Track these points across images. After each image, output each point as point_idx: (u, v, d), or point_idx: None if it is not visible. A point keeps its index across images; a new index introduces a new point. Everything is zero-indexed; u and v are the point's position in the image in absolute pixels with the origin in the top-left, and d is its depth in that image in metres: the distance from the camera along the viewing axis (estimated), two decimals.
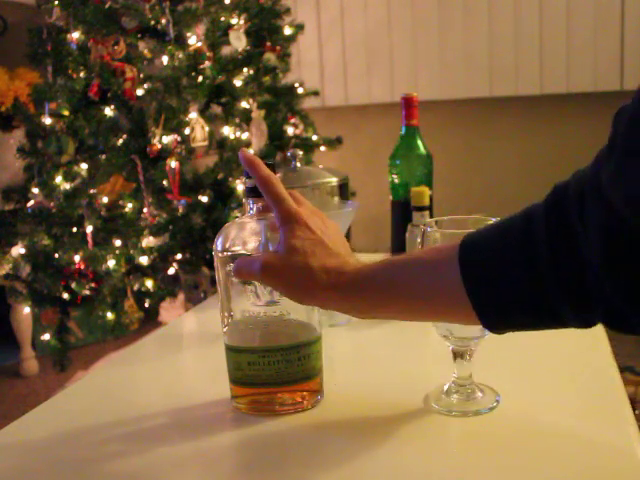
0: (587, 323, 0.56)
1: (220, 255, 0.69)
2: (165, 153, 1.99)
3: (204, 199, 2.08)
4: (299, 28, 2.53)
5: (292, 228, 0.64)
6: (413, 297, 0.61)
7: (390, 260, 0.64)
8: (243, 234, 0.70)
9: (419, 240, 0.68)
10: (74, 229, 2.01)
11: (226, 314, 0.71)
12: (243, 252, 0.68)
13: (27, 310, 2.29)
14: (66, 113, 1.98)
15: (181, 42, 2.08)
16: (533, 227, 0.54)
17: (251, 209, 0.70)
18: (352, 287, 0.63)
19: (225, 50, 2.25)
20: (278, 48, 2.43)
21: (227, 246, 0.69)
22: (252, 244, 0.69)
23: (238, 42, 2.22)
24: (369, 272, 0.63)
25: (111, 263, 1.97)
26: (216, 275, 0.71)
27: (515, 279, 0.55)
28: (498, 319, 0.58)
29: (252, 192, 0.69)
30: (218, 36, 2.21)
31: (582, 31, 2.98)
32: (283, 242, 0.64)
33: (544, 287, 0.54)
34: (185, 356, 0.97)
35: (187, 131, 2.04)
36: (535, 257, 0.54)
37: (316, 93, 2.65)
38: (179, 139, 2.02)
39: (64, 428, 0.72)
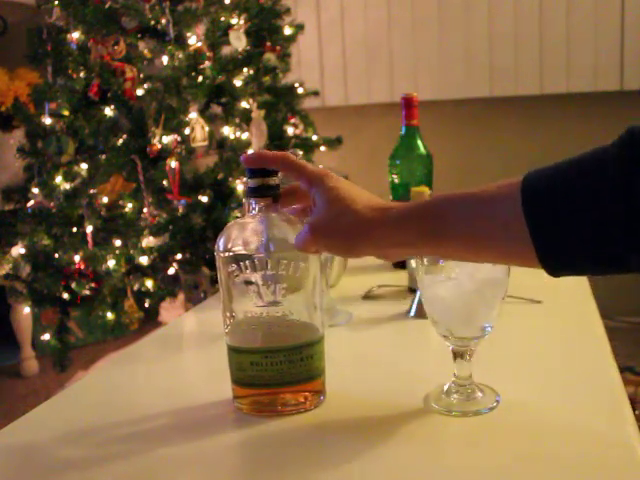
0: None
1: (222, 255, 0.69)
2: (165, 153, 1.99)
3: (204, 199, 2.08)
4: (299, 28, 2.53)
5: (323, 183, 0.65)
6: (471, 232, 0.58)
7: (445, 195, 0.61)
8: (245, 234, 0.70)
9: None
10: (74, 229, 2.01)
11: (228, 314, 0.71)
12: (245, 252, 0.68)
13: (27, 310, 2.28)
14: (66, 113, 1.98)
15: (181, 42, 2.08)
16: (605, 167, 0.51)
17: (253, 209, 0.70)
18: (405, 219, 0.61)
19: (225, 50, 2.25)
20: (278, 48, 2.42)
21: (229, 246, 0.69)
22: (254, 244, 0.69)
23: (238, 42, 2.22)
24: (422, 205, 0.62)
25: (111, 263, 1.97)
26: (218, 275, 0.71)
27: (582, 220, 0.52)
28: (560, 261, 0.55)
29: (253, 192, 0.69)
30: (218, 36, 2.21)
31: (582, 31, 2.98)
32: (320, 199, 0.64)
33: (613, 230, 0.51)
34: (185, 356, 0.97)
35: (187, 131, 2.04)
36: (606, 199, 0.51)
37: (316, 93, 2.65)
38: (179, 139, 2.02)
39: (64, 428, 0.72)
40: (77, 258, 1.97)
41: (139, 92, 2.02)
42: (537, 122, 3.18)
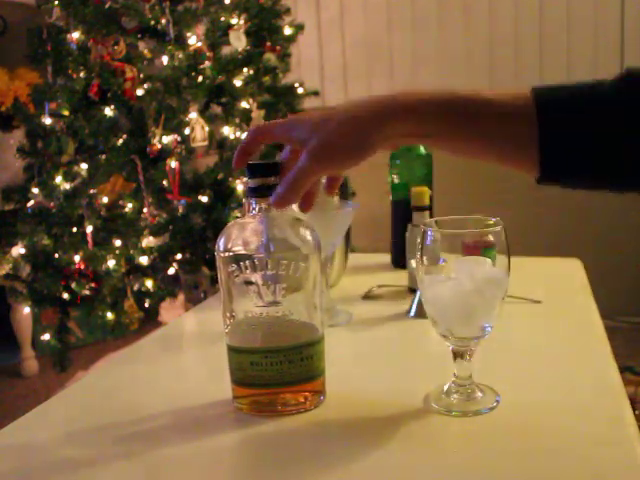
0: None
1: (222, 255, 0.69)
2: (165, 153, 1.99)
3: (204, 199, 2.08)
4: (299, 28, 2.53)
5: (304, 115, 0.62)
6: (476, 127, 0.59)
7: (453, 93, 0.61)
8: (245, 234, 0.70)
9: (419, 240, 0.68)
10: (74, 229, 2.02)
11: (228, 314, 0.71)
12: (245, 252, 0.68)
13: (27, 310, 2.29)
14: (66, 113, 1.98)
15: (181, 42, 2.08)
16: (604, 88, 0.55)
17: (253, 209, 0.70)
18: (421, 110, 0.59)
19: (225, 50, 2.25)
20: (278, 48, 2.43)
21: (229, 246, 0.69)
22: (254, 244, 0.69)
23: (238, 42, 2.22)
24: (440, 92, 0.60)
25: (111, 263, 1.97)
26: (218, 275, 0.71)
27: (587, 126, 0.55)
28: (562, 160, 0.56)
29: (253, 192, 0.69)
30: (218, 36, 2.21)
31: (582, 31, 2.98)
32: (308, 129, 0.61)
33: (630, 136, 0.53)
34: (185, 356, 0.97)
35: (187, 131, 2.04)
36: (607, 110, 0.54)
37: (316, 93, 2.65)
38: (179, 139, 2.02)
39: (64, 428, 0.72)
40: (77, 258, 1.98)
41: (139, 92, 2.02)
42: None
